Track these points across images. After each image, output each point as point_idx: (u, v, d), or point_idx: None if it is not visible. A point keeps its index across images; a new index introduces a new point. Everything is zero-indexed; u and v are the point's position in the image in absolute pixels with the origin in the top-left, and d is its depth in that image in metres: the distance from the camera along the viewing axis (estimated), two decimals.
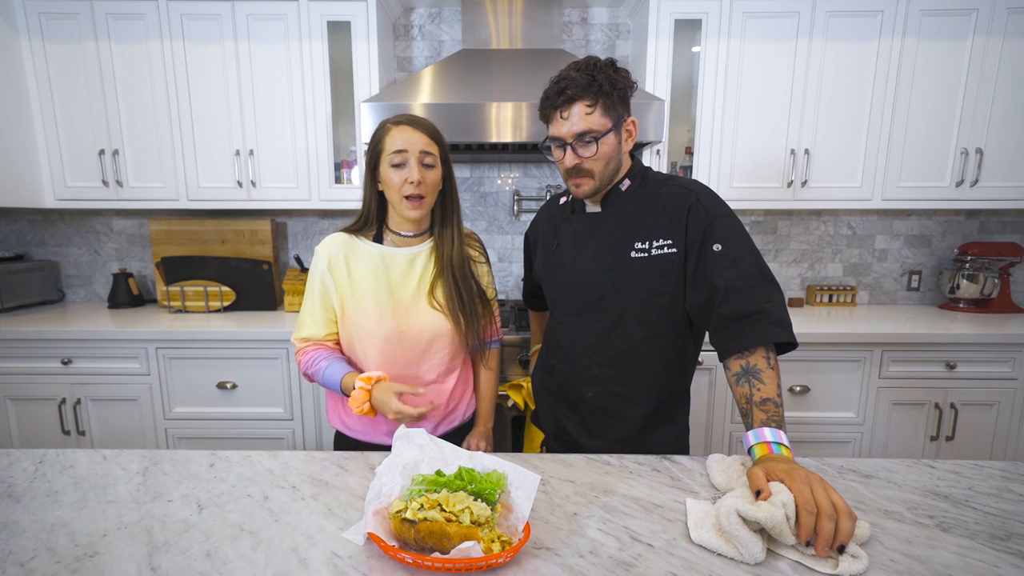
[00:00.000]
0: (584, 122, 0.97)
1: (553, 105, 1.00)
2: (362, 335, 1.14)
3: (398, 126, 1.09)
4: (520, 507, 0.71)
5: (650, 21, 2.06)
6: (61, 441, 2.02)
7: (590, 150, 0.99)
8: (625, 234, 1.06)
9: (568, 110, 0.98)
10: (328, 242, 1.16)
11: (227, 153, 2.16)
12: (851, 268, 2.54)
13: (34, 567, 0.65)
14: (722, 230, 0.97)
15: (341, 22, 2.07)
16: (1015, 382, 1.96)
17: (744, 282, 0.93)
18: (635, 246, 1.04)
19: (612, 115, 0.99)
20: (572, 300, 1.13)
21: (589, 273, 1.09)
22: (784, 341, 0.89)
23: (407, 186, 1.08)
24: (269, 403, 2.01)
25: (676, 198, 1.03)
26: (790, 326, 0.90)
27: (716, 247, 0.96)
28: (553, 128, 1.02)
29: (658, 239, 1.02)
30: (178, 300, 2.27)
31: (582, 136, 0.98)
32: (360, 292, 1.14)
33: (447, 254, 1.17)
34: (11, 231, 2.54)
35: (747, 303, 0.91)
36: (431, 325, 1.15)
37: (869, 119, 2.10)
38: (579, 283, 1.11)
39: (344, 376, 1.10)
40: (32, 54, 2.10)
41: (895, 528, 0.74)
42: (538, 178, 2.51)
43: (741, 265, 0.94)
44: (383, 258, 1.15)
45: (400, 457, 0.76)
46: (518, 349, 1.91)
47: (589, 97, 0.97)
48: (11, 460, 0.94)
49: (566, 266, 1.14)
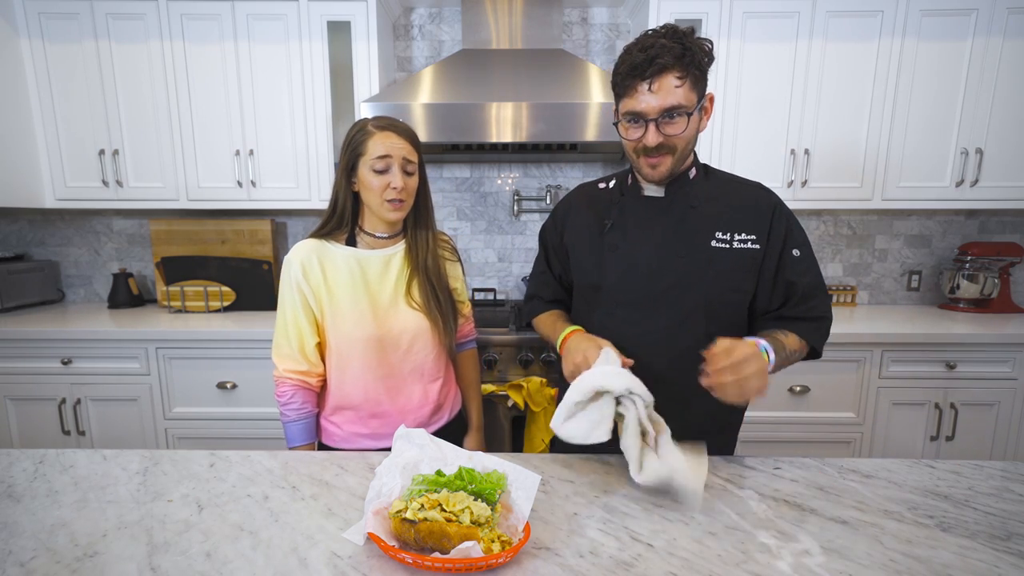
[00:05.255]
0: (674, 96, 0.88)
1: (641, 76, 0.88)
2: (342, 340, 1.13)
3: (382, 131, 1.08)
4: (520, 507, 0.71)
5: (650, 21, 2.06)
6: (61, 441, 2.02)
7: (678, 127, 0.90)
8: (702, 222, 1.00)
9: (659, 81, 0.87)
10: (298, 249, 1.13)
11: (227, 153, 2.16)
12: (851, 268, 2.54)
13: (34, 567, 0.65)
14: (799, 236, 1.02)
15: (341, 22, 2.07)
16: (1015, 382, 1.96)
17: (813, 289, 1.01)
18: (716, 235, 0.99)
19: (697, 90, 0.91)
20: (632, 288, 1.02)
21: (655, 259, 1.00)
22: (819, 351, 1.02)
23: (390, 191, 1.08)
24: (269, 403, 2.01)
25: (759, 196, 1.03)
26: (824, 342, 1.03)
27: (795, 252, 1.00)
28: (632, 102, 0.90)
29: (741, 232, 0.99)
30: (178, 300, 2.27)
31: (672, 111, 0.89)
32: (337, 297, 1.13)
33: (422, 255, 1.18)
34: (11, 231, 2.54)
35: (811, 309, 1.01)
36: (412, 325, 1.15)
37: (869, 119, 2.10)
38: (642, 269, 1.01)
39: (301, 446, 1.16)
40: (32, 54, 2.10)
41: (895, 528, 0.74)
42: (538, 178, 2.51)
43: (811, 273, 1.01)
44: (358, 261, 1.14)
45: (400, 457, 0.76)
46: (518, 349, 1.91)
47: (680, 68, 0.87)
48: (11, 460, 0.94)
49: (623, 249, 1.03)
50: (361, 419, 1.17)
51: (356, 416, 1.17)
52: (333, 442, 1.20)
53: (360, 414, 1.17)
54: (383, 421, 1.17)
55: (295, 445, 1.16)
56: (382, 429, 1.17)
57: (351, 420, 1.18)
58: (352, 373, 1.14)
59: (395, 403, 1.16)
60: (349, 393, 1.16)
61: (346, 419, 1.18)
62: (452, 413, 1.27)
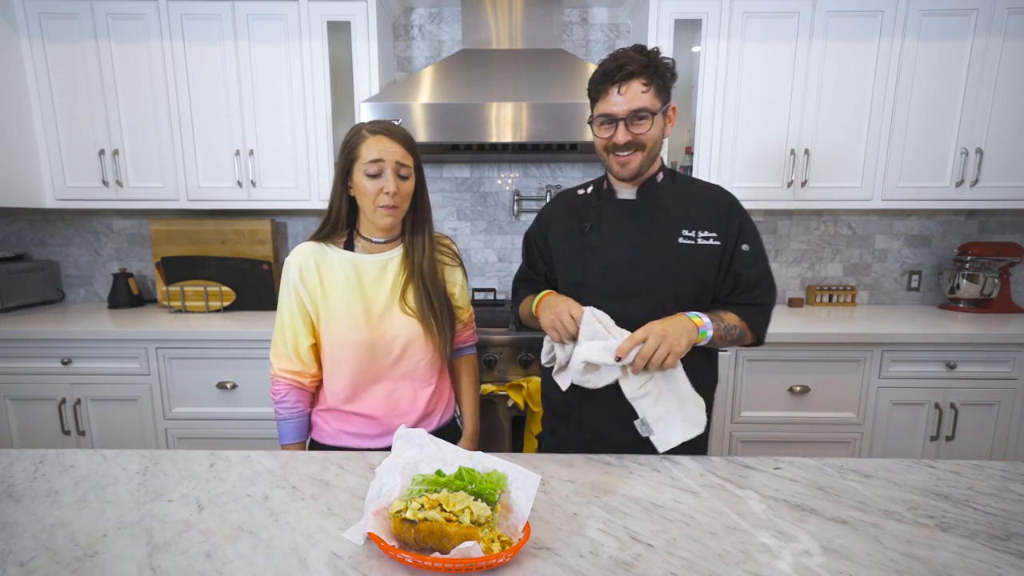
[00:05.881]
0: (640, 99, 1.02)
1: (612, 80, 1.02)
2: (334, 343, 1.14)
3: (375, 135, 1.08)
4: (520, 507, 0.71)
5: (650, 21, 2.06)
6: (61, 441, 2.02)
7: (644, 127, 1.04)
8: (670, 222, 1.12)
9: (626, 85, 1.02)
10: (297, 252, 1.15)
11: (227, 153, 2.16)
12: (851, 268, 2.54)
13: (34, 567, 0.65)
14: (750, 233, 1.14)
15: (341, 22, 2.07)
16: (1015, 382, 1.96)
17: (758, 280, 1.14)
18: (683, 233, 1.11)
19: (661, 97, 1.05)
20: (612, 282, 1.13)
21: (631, 256, 1.12)
22: (761, 337, 1.16)
23: (382, 196, 1.08)
24: (269, 403, 2.00)
25: (717, 197, 1.15)
26: (767, 327, 1.16)
27: (745, 247, 1.12)
28: (605, 105, 1.04)
29: (704, 230, 1.11)
30: (178, 300, 2.27)
31: (638, 112, 1.02)
32: (332, 300, 1.13)
33: (418, 261, 1.16)
34: (11, 231, 2.54)
35: (754, 297, 1.14)
36: (404, 331, 1.14)
37: (869, 119, 2.10)
38: (620, 265, 1.12)
39: (292, 444, 1.19)
40: (32, 54, 2.10)
41: (895, 528, 0.74)
42: (538, 178, 2.51)
43: (758, 266, 1.14)
44: (355, 265, 1.14)
45: (400, 457, 0.76)
46: (518, 349, 1.91)
47: (646, 76, 1.02)
48: (11, 460, 0.94)
49: (601, 248, 1.14)
50: (348, 418, 1.18)
51: (344, 415, 1.18)
52: (321, 438, 1.21)
53: (347, 414, 1.17)
54: (370, 422, 1.17)
55: (286, 443, 1.19)
56: (368, 430, 1.17)
57: (339, 418, 1.19)
58: (342, 375, 1.15)
59: (382, 406, 1.17)
60: (338, 393, 1.16)
61: (334, 417, 1.19)
62: (442, 420, 1.25)
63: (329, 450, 1.19)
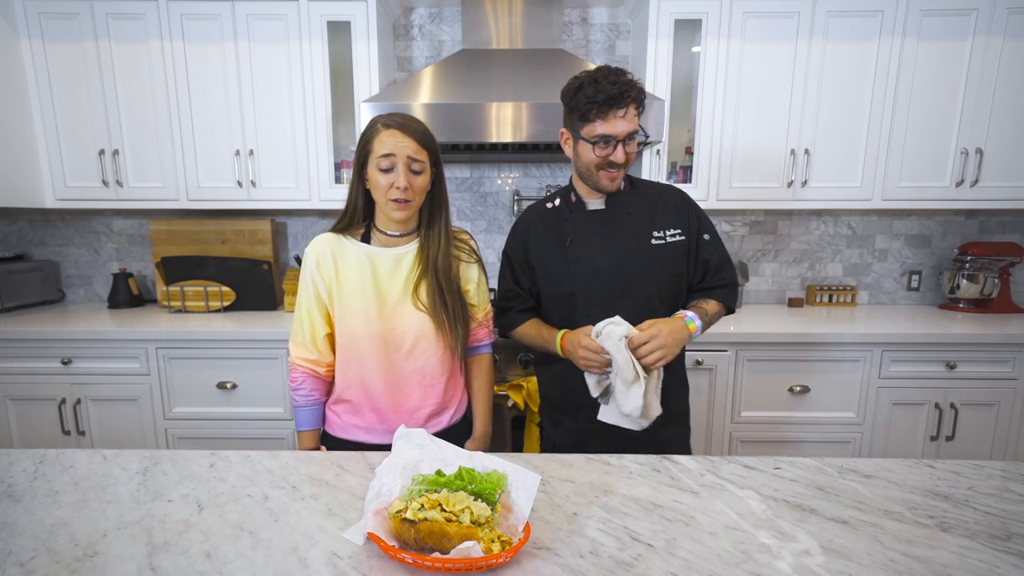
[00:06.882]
0: (633, 122, 1.13)
1: (617, 105, 1.10)
2: (347, 335, 1.15)
3: (388, 129, 1.08)
4: (520, 507, 0.71)
5: (650, 21, 2.06)
6: (61, 441, 2.02)
7: (633, 147, 1.15)
8: (640, 226, 1.23)
9: (627, 110, 1.11)
10: (316, 242, 1.17)
11: (227, 153, 2.16)
12: (851, 268, 2.54)
13: (34, 567, 0.65)
14: (707, 224, 1.28)
15: (341, 22, 2.07)
16: (1015, 382, 1.96)
17: (722, 263, 1.28)
18: (653, 235, 1.22)
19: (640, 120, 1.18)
20: (600, 290, 1.22)
21: (612, 263, 1.21)
22: (733, 308, 1.31)
23: (393, 190, 1.08)
24: (269, 403, 2.01)
25: (674, 197, 1.28)
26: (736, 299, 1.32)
27: (706, 236, 1.27)
28: (607, 127, 1.11)
29: (670, 229, 1.24)
30: (178, 300, 2.27)
31: (633, 134, 1.13)
32: (347, 292, 1.13)
33: (432, 255, 1.16)
34: (11, 231, 2.54)
35: (722, 278, 1.28)
36: (415, 326, 1.14)
37: (869, 119, 2.10)
38: (605, 272, 1.21)
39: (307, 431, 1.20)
40: (32, 54, 2.10)
41: (895, 528, 0.74)
42: (538, 178, 2.51)
43: (719, 252, 1.28)
44: (370, 258, 1.14)
45: (400, 457, 0.76)
46: (518, 349, 1.91)
47: (639, 103, 1.13)
48: (11, 460, 0.94)
49: (584, 260, 1.22)
50: (359, 412, 1.18)
51: (354, 408, 1.18)
52: (332, 430, 1.21)
53: (358, 407, 1.17)
54: (379, 417, 1.17)
55: (302, 429, 1.20)
56: (379, 425, 1.17)
57: (349, 411, 1.19)
58: (355, 367, 1.15)
59: (392, 401, 1.16)
60: (350, 385, 1.17)
61: (345, 409, 1.19)
62: (453, 419, 1.24)
63: (339, 443, 1.20)
